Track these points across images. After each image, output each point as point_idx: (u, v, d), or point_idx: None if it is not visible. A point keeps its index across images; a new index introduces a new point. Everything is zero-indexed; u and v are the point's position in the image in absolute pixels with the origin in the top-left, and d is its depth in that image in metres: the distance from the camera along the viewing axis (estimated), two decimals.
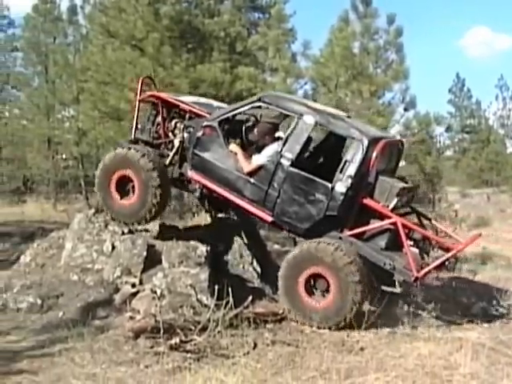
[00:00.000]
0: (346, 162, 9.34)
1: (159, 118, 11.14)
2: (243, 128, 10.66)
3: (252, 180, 9.92)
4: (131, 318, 8.79)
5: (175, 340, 7.52)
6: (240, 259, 10.95)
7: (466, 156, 53.11)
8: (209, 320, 7.96)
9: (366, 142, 9.29)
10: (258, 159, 9.93)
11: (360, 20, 14.69)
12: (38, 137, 30.85)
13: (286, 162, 9.63)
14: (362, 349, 8.00)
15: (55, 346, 7.89)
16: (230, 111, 10.44)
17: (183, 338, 7.58)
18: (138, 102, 11.32)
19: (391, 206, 9.41)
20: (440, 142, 26.78)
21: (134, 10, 18.09)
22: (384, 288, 9.25)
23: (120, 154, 10.63)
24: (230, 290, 8.48)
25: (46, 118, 31.22)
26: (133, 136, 11.24)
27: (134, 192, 10.50)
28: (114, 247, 10.29)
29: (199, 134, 10.38)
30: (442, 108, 66.07)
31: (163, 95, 11.43)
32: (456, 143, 56.51)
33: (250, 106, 10.24)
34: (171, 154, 10.78)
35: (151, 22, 17.86)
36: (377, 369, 7.01)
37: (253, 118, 10.86)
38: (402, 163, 15.94)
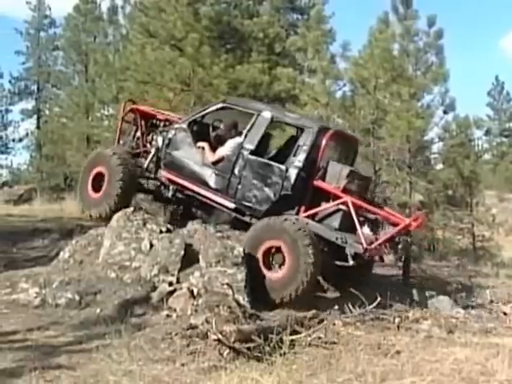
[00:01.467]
0: (298, 146, 10.51)
1: (138, 133, 12.47)
2: (210, 129, 11.67)
3: (216, 171, 11.06)
4: (168, 316, 8.85)
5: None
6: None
7: (505, 160, 52.41)
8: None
9: (315, 129, 10.52)
10: (222, 150, 11.15)
11: (400, 22, 14.53)
12: (77, 135, 31.03)
13: (245, 152, 10.80)
14: (398, 352, 7.93)
15: (93, 342, 7.92)
16: (198, 113, 11.84)
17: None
18: (121, 121, 12.99)
19: (341, 186, 10.37)
20: (478, 146, 26.50)
21: (173, 10, 18.15)
22: (337, 263, 10.10)
23: (97, 152, 12.43)
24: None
25: (85, 117, 31.43)
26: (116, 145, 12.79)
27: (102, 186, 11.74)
28: (151, 245, 10.36)
29: (170, 135, 11.67)
30: (481, 111, 65.27)
31: (142, 108, 13.02)
32: (494, 147, 55.81)
33: (215, 107, 11.56)
34: (148, 160, 11.98)
35: (191, 22, 17.90)
36: (413, 373, 6.94)
37: (218, 121, 11.82)
38: (439, 166, 15.92)
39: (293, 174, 10.39)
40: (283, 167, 10.52)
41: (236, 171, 10.86)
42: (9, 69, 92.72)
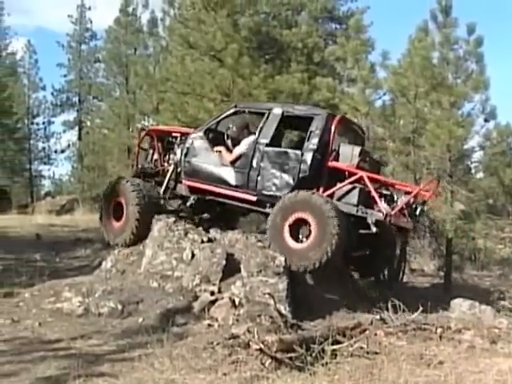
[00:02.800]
0: (311, 132, 11.06)
1: (156, 155, 12.95)
2: (225, 134, 12.16)
3: (235, 168, 11.51)
4: (209, 325, 8.86)
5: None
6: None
7: None
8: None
9: (324, 115, 11.20)
10: (238, 149, 11.65)
11: (439, 30, 14.39)
12: (118, 146, 31.30)
13: (261, 146, 11.32)
14: (440, 363, 7.84)
15: (135, 351, 7.98)
16: (213, 120, 12.39)
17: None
18: (138, 147, 13.60)
19: (355, 164, 10.92)
20: None
21: (213, 22, 18.19)
22: (362, 231, 10.58)
23: (112, 182, 12.92)
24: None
25: (126, 128, 31.68)
26: (134, 172, 13.36)
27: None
28: (193, 255, 10.42)
29: (188, 144, 12.10)
30: None
31: (156, 128, 14.03)
32: None
33: (228, 112, 12.10)
34: (167, 177, 12.38)
35: (230, 33, 17.92)
36: None
37: (231, 127, 12.31)
38: (480, 175, 15.72)
39: (308, 156, 10.90)
40: (298, 152, 11.06)
41: (254, 164, 11.34)
42: (51, 81, 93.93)
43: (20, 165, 49.82)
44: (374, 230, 10.41)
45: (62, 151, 52.78)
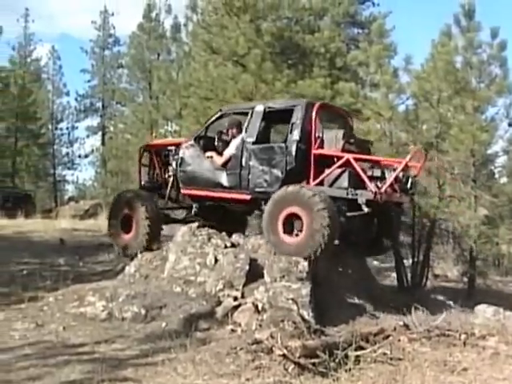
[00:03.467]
0: (292, 124, 11.19)
1: (157, 169, 13.27)
2: (216, 138, 12.50)
3: (227, 171, 11.74)
4: (233, 330, 8.86)
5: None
6: (341, 275, 10.86)
7: None
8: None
9: (303, 104, 11.31)
10: (227, 151, 11.94)
11: (463, 34, 14.29)
12: None
13: (248, 144, 11.52)
14: (464, 369, 7.77)
15: (158, 356, 7.97)
16: (202, 127, 12.81)
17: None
18: (139, 164, 13.81)
19: (340, 147, 10.96)
20: None
21: (235, 27, 18.23)
22: (351, 214, 10.71)
23: (118, 196, 13.43)
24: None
25: (149, 133, 31.85)
26: (139, 185, 13.66)
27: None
28: (216, 260, 10.41)
29: (181, 154, 12.45)
30: None
31: (152, 143, 14.82)
32: None
33: (215, 117, 12.45)
34: (168, 189, 12.74)
35: (253, 38, 17.94)
36: None
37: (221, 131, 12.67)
38: (504, 179, 15.58)
39: (293, 148, 11.01)
40: (283, 144, 11.27)
41: (244, 164, 11.54)
42: (75, 87, 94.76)
43: (44, 170, 50.33)
44: (365, 210, 10.50)
45: (86, 156, 53.31)
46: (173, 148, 12.87)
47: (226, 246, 10.70)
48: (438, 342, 8.98)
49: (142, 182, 13.62)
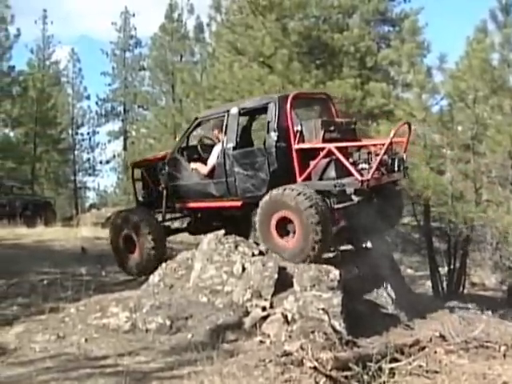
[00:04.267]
0: (268, 122, 11.23)
1: (151, 184, 13.60)
2: (199, 146, 12.94)
3: (214, 180, 11.99)
4: (261, 342, 8.84)
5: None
6: (373, 284, 10.80)
7: None
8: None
9: (276, 100, 11.23)
10: (210, 160, 12.13)
11: (499, 30, 14.19)
12: None
13: (229, 151, 11.64)
14: (504, 383, 7.68)
15: (184, 369, 7.94)
16: (182, 138, 13.14)
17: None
18: (132, 181, 14.44)
19: (320, 138, 10.87)
20: None
21: (261, 27, 18.27)
22: (339, 206, 10.82)
23: (115, 216, 13.79)
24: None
25: (172, 137, 31.92)
26: (136, 202, 14.19)
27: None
28: (244, 269, 10.37)
29: (167, 168, 12.86)
30: None
31: (139, 160, 15.39)
32: None
33: (192, 125, 12.71)
34: (163, 204, 13.04)
35: (279, 38, 17.98)
36: None
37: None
38: None
39: (272, 147, 11.06)
40: (261, 146, 11.37)
41: (228, 171, 11.73)
42: (95, 90, 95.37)
43: (64, 176, 50.58)
44: (355, 200, 10.71)
45: (107, 162, 53.50)
46: (159, 163, 13.21)
47: (253, 254, 10.66)
48: (476, 353, 8.90)
49: (139, 198, 14.09)
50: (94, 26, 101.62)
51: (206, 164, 12.27)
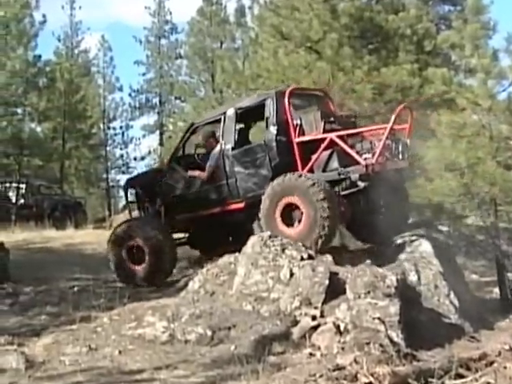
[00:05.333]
0: (267, 118, 12.13)
1: (146, 203, 14.41)
2: (195, 154, 14.02)
3: (214, 184, 12.85)
4: (311, 354, 8.81)
5: None
6: (434, 290, 10.72)
7: None
8: None
9: (273, 95, 12.23)
10: (209, 164, 12.97)
11: None
12: None
13: (228, 152, 12.56)
14: None
15: (227, 383, 7.97)
16: (177, 146, 14.07)
17: None
18: (127, 203, 15.91)
19: (320, 129, 11.77)
20: None
21: (308, 9, 18.21)
22: (345, 192, 11.83)
23: (119, 227, 14.24)
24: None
25: None
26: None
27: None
28: (292, 274, 10.35)
29: (163, 177, 13.75)
30: None
31: (132, 178, 16.91)
32: None
33: (188, 133, 13.71)
34: (162, 217, 13.88)
35: (328, 20, 17.91)
36: None
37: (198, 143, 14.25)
38: None
39: (272, 142, 11.95)
40: (261, 142, 12.29)
41: (229, 172, 12.62)
42: (128, 81, 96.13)
43: (96, 174, 50.80)
44: (361, 185, 11.53)
45: (142, 158, 53.66)
46: (156, 176, 14.06)
47: (302, 258, 10.64)
48: None
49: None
50: (125, 11, 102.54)
51: (204, 170, 13.03)
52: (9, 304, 12.80)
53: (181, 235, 14.97)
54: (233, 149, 12.53)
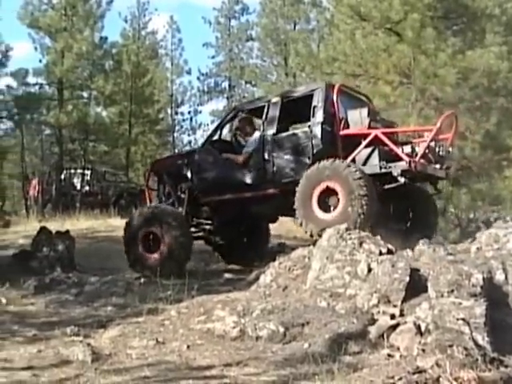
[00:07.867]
0: (314, 107, 12.72)
1: (167, 187, 14.89)
2: (233, 138, 14.70)
3: (249, 168, 13.37)
4: (389, 355, 8.71)
5: None
6: None
7: None
8: None
9: (324, 87, 12.87)
10: (246, 148, 13.69)
11: None
12: None
13: (269, 137, 13.13)
14: None
15: (300, 383, 7.89)
16: (216, 129, 14.57)
17: None
18: (147, 188, 15.95)
19: (366, 125, 12.41)
20: None
21: None
22: (387, 186, 12.04)
23: (137, 213, 14.74)
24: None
25: None
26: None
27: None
28: (370, 270, 10.24)
29: (196, 161, 14.20)
30: None
31: (159, 160, 17.81)
32: None
33: (229, 116, 14.50)
34: (184, 205, 14.33)
35: (410, 0, 17.75)
36: None
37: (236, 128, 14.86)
38: None
39: (317, 130, 12.54)
40: (307, 129, 12.88)
41: (266, 157, 13.13)
42: (197, 64, 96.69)
43: None
44: (402, 180, 11.80)
45: None
46: (184, 159, 14.47)
47: (381, 253, 10.53)
48: None
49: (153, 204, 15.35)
50: None
51: (238, 154, 13.79)
52: (74, 294, 13.03)
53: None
54: (274, 134, 13.10)
